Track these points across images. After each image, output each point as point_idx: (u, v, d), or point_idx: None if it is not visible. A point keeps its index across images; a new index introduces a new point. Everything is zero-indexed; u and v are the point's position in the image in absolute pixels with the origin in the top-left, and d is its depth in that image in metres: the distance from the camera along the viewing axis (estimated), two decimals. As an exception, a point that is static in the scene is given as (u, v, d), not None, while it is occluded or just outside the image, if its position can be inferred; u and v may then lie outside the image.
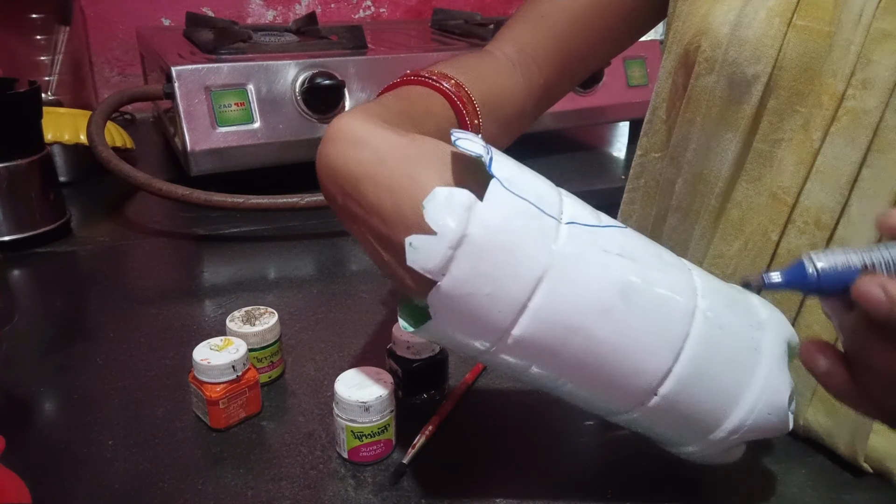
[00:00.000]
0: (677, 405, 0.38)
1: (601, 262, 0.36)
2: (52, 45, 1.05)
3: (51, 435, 0.48)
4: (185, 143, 0.80)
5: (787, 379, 0.39)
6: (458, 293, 0.34)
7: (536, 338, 0.36)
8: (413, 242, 0.33)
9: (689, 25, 0.51)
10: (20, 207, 0.73)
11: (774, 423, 0.39)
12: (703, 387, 0.38)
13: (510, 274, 0.34)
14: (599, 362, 0.37)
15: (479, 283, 0.34)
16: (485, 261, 0.34)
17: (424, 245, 0.33)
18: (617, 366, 0.37)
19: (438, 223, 0.33)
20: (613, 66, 1.03)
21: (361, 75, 0.88)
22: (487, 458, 0.46)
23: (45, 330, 0.61)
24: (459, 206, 0.33)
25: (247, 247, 0.77)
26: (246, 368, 0.48)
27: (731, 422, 0.39)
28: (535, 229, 0.35)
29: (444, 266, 0.34)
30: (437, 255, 0.33)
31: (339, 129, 0.38)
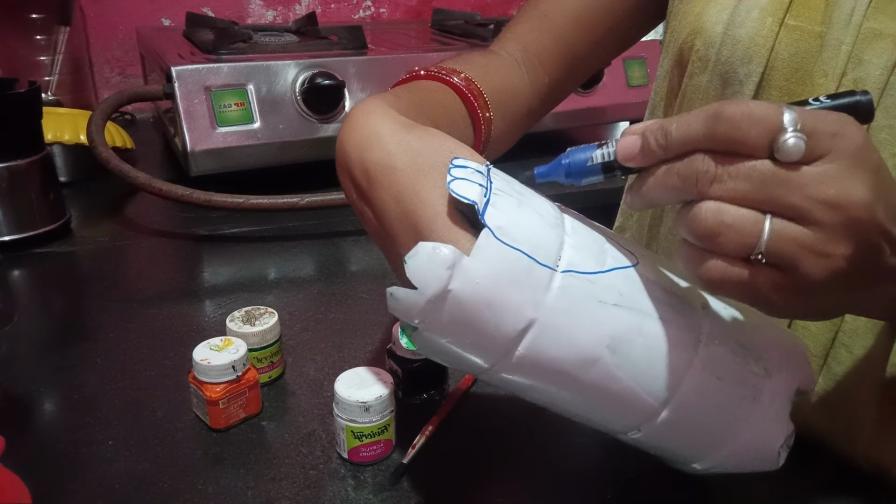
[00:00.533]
0: (659, 440, 0.39)
1: (592, 314, 0.35)
2: (52, 45, 1.05)
3: (51, 435, 0.48)
4: (185, 143, 0.80)
5: (783, 426, 0.39)
6: (438, 338, 0.35)
7: (521, 377, 0.37)
8: (394, 293, 0.34)
9: (684, 24, 0.51)
10: (20, 207, 0.73)
11: (760, 465, 0.39)
12: (688, 429, 0.38)
13: (493, 327, 0.34)
14: (584, 402, 0.38)
15: (460, 334, 0.35)
16: (467, 314, 0.34)
17: (405, 297, 0.34)
18: (601, 407, 0.38)
19: (419, 279, 0.33)
20: (613, 66, 1.03)
21: (361, 75, 0.88)
22: (487, 458, 0.46)
23: (45, 330, 0.61)
24: (442, 264, 0.33)
25: (247, 247, 0.77)
26: (246, 368, 0.48)
27: (712, 460, 0.39)
28: (524, 281, 0.34)
29: (423, 317, 0.34)
30: (415, 309, 0.34)
31: (356, 121, 0.39)
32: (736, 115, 0.29)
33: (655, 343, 0.36)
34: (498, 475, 0.45)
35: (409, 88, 0.47)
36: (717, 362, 0.37)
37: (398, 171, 0.36)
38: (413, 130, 0.37)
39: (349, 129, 0.39)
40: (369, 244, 0.78)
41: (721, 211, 0.29)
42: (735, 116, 0.29)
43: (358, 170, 0.38)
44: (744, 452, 0.39)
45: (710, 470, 0.40)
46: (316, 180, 0.87)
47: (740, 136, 0.29)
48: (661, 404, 0.37)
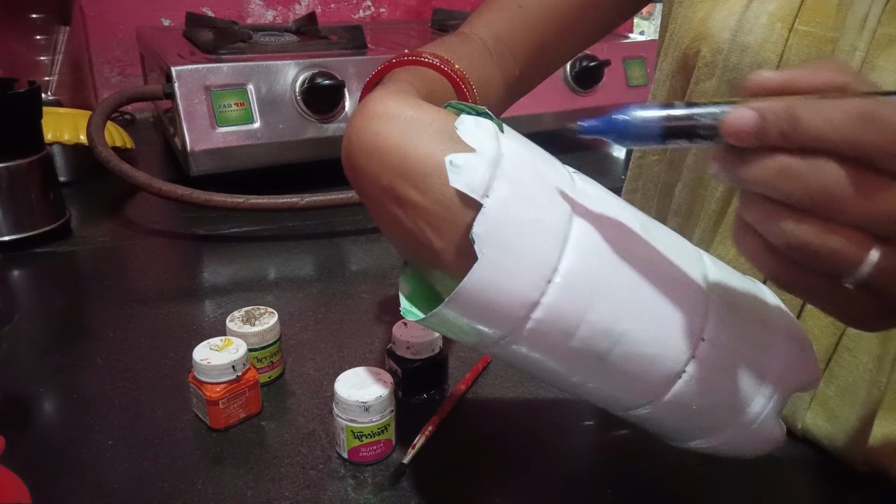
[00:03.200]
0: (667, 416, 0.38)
1: (617, 204, 0.36)
2: (52, 45, 1.05)
3: (51, 435, 0.48)
4: (185, 143, 0.80)
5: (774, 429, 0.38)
6: (503, 217, 0.32)
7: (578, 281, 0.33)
8: (454, 161, 0.32)
9: (687, 30, 0.51)
10: (20, 207, 0.73)
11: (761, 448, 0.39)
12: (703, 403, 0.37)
13: (546, 199, 0.33)
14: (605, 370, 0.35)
15: (521, 207, 0.32)
16: (521, 184, 0.33)
17: (465, 162, 0.32)
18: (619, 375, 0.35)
19: (475, 140, 0.33)
20: (613, 66, 1.03)
21: (361, 75, 0.88)
22: (487, 458, 0.46)
23: (45, 330, 0.61)
24: (488, 130, 0.34)
25: (247, 247, 0.77)
26: (246, 368, 0.48)
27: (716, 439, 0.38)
28: (552, 166, 0.35)
29: (487, 184, 0.32)
30: (479, 172, 0.32)
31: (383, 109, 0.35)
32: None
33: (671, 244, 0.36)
34: (498, 475, 0.45)
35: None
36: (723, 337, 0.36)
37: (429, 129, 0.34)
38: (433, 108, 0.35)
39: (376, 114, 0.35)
40: (369, 244, 0.78)
41: (828, 236, 0.26)
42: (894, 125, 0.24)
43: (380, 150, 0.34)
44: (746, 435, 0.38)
45: (707, 450, 0.40)
46: (316, 180, 0.88)
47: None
48: (681, 366, 0.35)
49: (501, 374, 0.55)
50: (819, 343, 0.45)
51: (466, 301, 0.33)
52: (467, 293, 0.33)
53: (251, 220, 0.82)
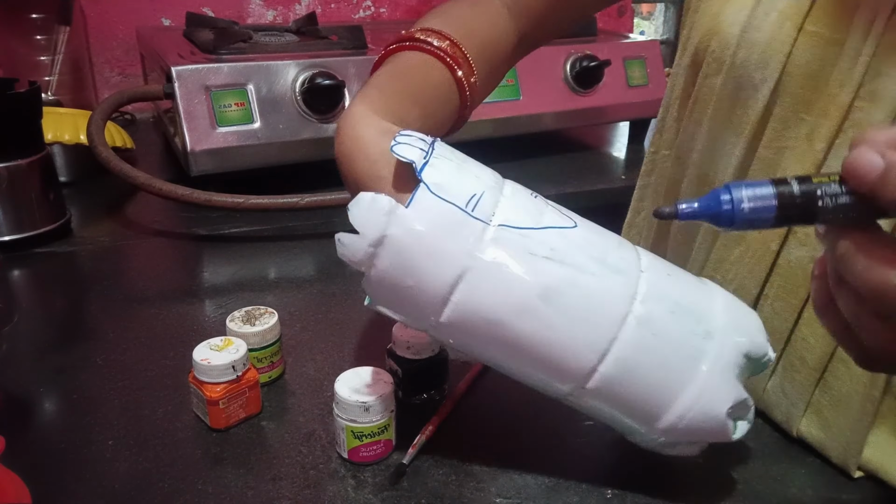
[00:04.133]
0: (606, 400, 0.41)
1: (524, 265, 0.38)
2: (52, 45, 1.05)
3: (51, 435, 0.48)
4: (185, 143, 0.80)
5: (731, 389, 0.39)
6: (383, 283, 0.39)
7: (462, 327, 0.39)
8: (341, 239, 0.38)
9: (702, 24, 0.51)
10: (20, 207, 0.73)
11: (711, 429, 0.40)
12: (631, 388, 0.39)
13: (430, 272, 0.38)
14: (524, 354, 0.40)
15: (400, 277, 0.38)
16: (405, 260, 0.38)
17: (350, 242, 0.38)
18: (541, 359, 0.40)
19: (360, 224, 0.37)
20: (613, 66, 1.03)
21: (361, 75, 0.88)
22: (487, 458, 0.46)
23: (45, 330, 0.61)
24: (380, 210, 0.37)
25: (247, 247, 0.77)
26: (246, 368, 0.48)
27: (662, 422, 0.40)
28: (457, 232, 0.38)
29: (367, 260, 0.38)
30: (360, 252, 0.38)
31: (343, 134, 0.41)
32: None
33: (588, 295, 0.38)
34: (497, 475, 0.45)
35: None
36: (655, 320, 0.39)
37: (385, 179, 0.39)
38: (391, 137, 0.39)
39: (338, 141, 0.41)
40: (369, 244, 0.77)
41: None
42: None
43: (350, 178, 0.41)
44: (691, 416, 0.39)
45: (664, 441, 0.41)
46: (316, 180, 0.87)
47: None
48: (598, 357, 0.39)
49: (501, 374, 0.55)
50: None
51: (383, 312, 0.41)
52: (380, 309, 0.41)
53: (251, 220, 0.82)
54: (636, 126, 1.14)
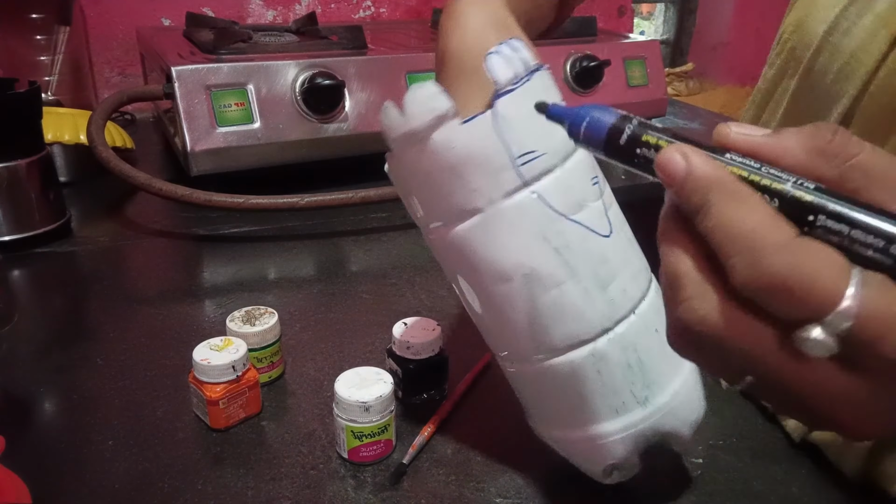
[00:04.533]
0: (524, 385, 0.42)
1: (530, 241, 0.36)
2: (52, 45, 1.05)
3: (51, 435, 0.48)
4: (185, 143, 0.80)
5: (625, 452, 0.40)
6: (401, 169, 0.38)
7: (445, 251, 0.39)
8: (387, 109, 0.36)
9: (793, 13, 0.45)
10: (20, 207, 0.73)
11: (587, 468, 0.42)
12: (546, 396, 0.40)
13: (445, 193, 0.37)
14: (483, 306, 0.39)
15: (417, 178, 0.37)
16: (430, 166, 0.36)
17: (392, 118, 0.36)
18: (490, 320, 0.40)
19: (411, 109, 0.35)
20: (613, 66, 1.03)
21: (361, 75, 0.88)
22: (487, 457, 0.46)
23: (45, 330, 0.61)
24: (436, 108, 0.35)
25: (247, 247, 0.77)
26: (246, 368, 0.48)
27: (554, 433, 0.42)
28: (492, 174, 0.36)
29: (397, 141, 0.37)
30: (395, 132, 0.36)
31: (457, 6, 0.38)
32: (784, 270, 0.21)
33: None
34: (497, 475, 0.45)
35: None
36: (608, 362, 0.38)
37: (467, 71, 0.36)
38: (501, 34, 0.36)
39: (446, 12, 0.39)
40: (369, 244, 0.78)
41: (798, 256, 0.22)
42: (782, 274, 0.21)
43: (439, 53, 0.38)
44: (578, 449, 0.41)
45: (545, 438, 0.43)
46: (316, 180, 0.88)
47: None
48: (534, 355, 0.39)
49: (501, 375, 0.55)
50: None
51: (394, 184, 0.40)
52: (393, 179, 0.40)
53: (251, 220, 0.82)
54: (636, 126, 1.14)
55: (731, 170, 0.24)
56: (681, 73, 1.74)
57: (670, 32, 1.83)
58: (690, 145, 0.24)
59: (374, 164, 0.89)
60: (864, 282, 0.21)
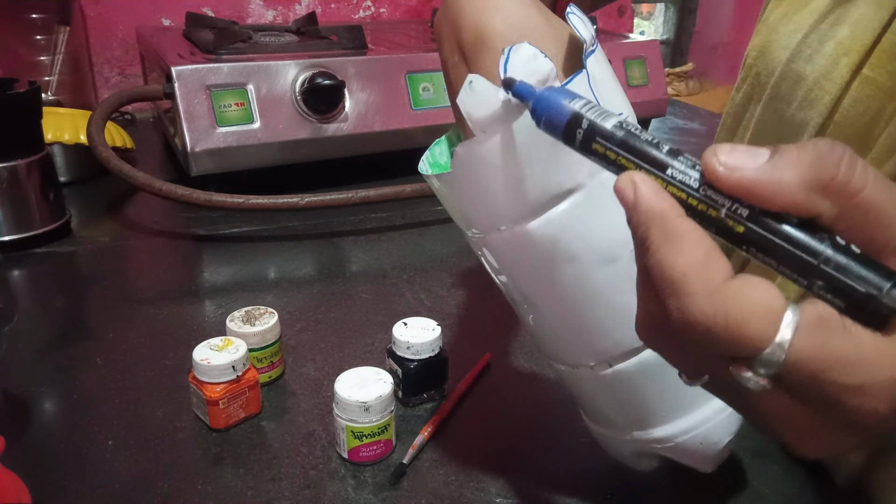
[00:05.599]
0: (621, 388, 0.38)
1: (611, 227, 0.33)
2: (52, 45, 1.05)
3: (51, 435, 0.48)
4: (185, 143, 0.80)
5: (735, 425, 0.39)
6: (483, 159, 0.32)
7: (529, 247, 0.34)
8: (474, 83, 0.31)
9: (757, 36, 0.45)
10: (20, 207, 0.73)
11: (696, 459, 0.40)
12: (655, 386, 0.37)
13: (545, 171, 0.32)
14: (575, 302, 0.35)
15: (510, 161, 0.32)
16: (528, 141, 0.31)
17: (483, 90, 0.31)
18: (586, 316, 0.35)
19: (511, 74, 0.30)
20: (613, 66, 1.02)
21: (361, 75, 0.88)
22: (487, 458, 0.46)
23: (45, 330, 0.61)
24: (535, 72, 0.30)
25: (247, 247, 0.77)
26: (246, 368, 0.48)
27: (661, 432, 0.39)
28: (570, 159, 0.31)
29: (489, 120, 0.31)
30: (488, 107, 0.31)
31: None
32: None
33: None
34: (497, 475, 0.45)
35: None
36: None
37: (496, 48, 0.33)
38: (539, 7, 0.34)
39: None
40: (369, 244, 0.78)
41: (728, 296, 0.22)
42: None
43: (470, 30, 0.34)
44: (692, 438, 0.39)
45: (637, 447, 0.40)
46: (316, 180, 0.88)
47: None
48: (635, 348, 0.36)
49: (501, 374, 0.55)
50: None
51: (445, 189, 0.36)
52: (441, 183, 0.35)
53: (251, 220, 0.82)
54: (636, 126, 1.14)
55: (671, 190, 0.23)
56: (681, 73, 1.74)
57: (670, 32, 1.83)
58: (639, 172, 0.23)
59: (374, 164, 0.90)
60: (800, 322, 0.20)
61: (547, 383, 0.54)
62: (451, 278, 0.69)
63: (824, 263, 0.21)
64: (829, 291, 0.21)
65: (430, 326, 0.51)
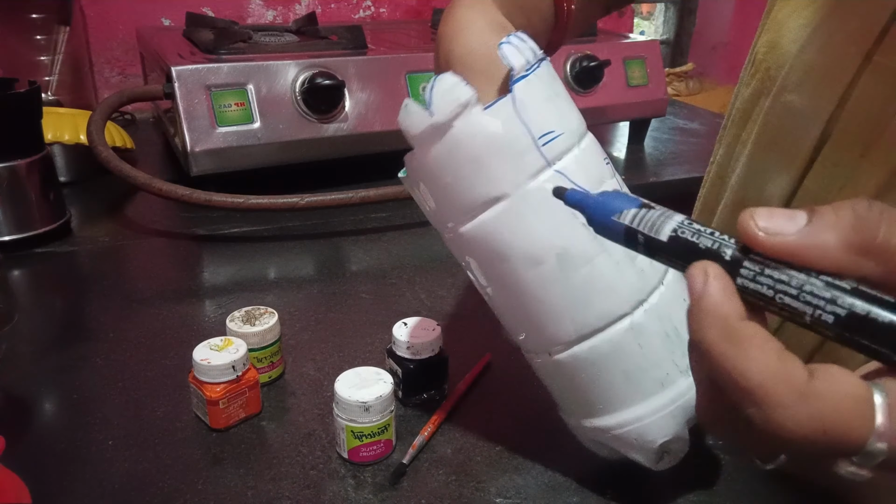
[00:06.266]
0: (559, 375, 0.41)
1: (559, 220, 0.37)
2: (52, 45, 1.05)
3: (51, 435, 0.48)
4: (185, 143, 0.80)
5: (676, 426, 0.39)
6: (424, 167, 0.38)
7: (472, 245, 0.39)
8: (408, 105, 0.37)
9: (766, 32, 0.45)
10: (20, 207, 0.73)
11: (638, 455, 0.40)
12: (590, 377, 0.39)
13: (474, 181, 0.37)
14: (513, 297, 0.39)
15: (444, 171, 0.37)
16: (457, 156, 0.36)
17: (414, 112, 0.36)
18: (525, 310, 0.39)
19: (434, 101, 0.36)
20: (613, 66, 1.03)
21: (361, 75, 0.88)
22: (487, 458, 0.46)
23: (45, 330, 0.61)
24: (458, 98, 0.35)
25: (247, 247, 0.77)
26: (246, 368, 0.48)
27: (601, 422, 0.40)
28: (516, 158, 0.36)
29: (421, 138, 0.37)
30: (419, 127, 0.36)
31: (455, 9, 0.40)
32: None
33: (600, 278, 0.37)
34: (497, 475, 0.45)
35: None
36: (647, 334, 0.38)
37: (475, 72, 0.37)
38: (502, 36, 0.37)
39: (444, 20, 0.40)
40: (369, 244, 0.78)
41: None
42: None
43: (443, 58, 0.39)
44: (625, 432, 0.40)
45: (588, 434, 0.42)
46: (316, 180, 0.88)
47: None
48: (577, 338, 0.38)
49: (501, 374, 0.55)
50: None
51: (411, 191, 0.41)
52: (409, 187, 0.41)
53: (251, 220, 0.82)
54: (636, 126, 1.14)
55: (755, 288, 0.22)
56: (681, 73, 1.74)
57: (670, 32, 1.83)
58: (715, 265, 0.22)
59: (374, 164, 0.90)
60: (889, 403, 0.20)
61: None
62: (451, 278, 0.69)
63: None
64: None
65: (430, 326, 0.51)
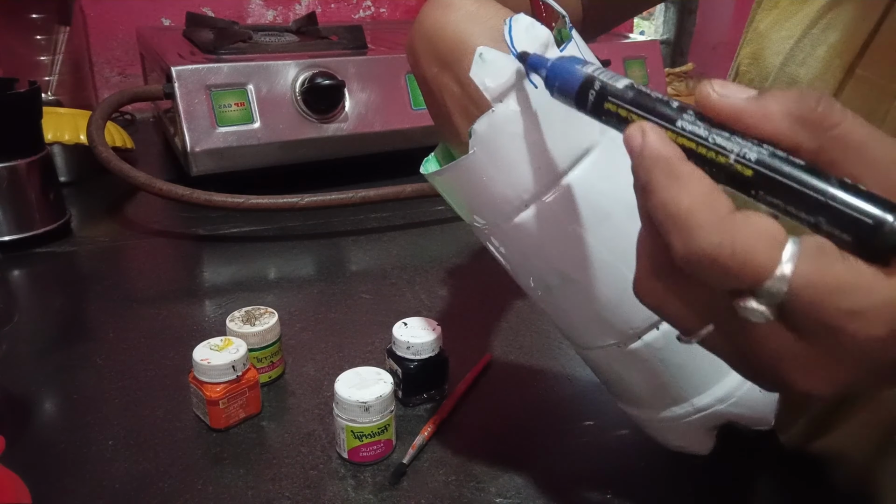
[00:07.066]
0: (662, 356, 0.36)
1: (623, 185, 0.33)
2: (52, 45, 1.05)
3: (51, 435, 0.48)
4: (185, 143, 0.80)
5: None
6: (506, 129, 0.32)
7: (561, 215, 0.34)
8: (484, 54, 0.32)
9: (748, 44, 0.46)
10: (20, 207, 0.73)
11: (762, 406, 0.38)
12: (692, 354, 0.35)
13: (565, 132, 0.32)
14: (614, 265, 0.34)
15: (530, 126, 0.32)
16: (543, 105, 0.32)
17: (495, 60, 0.31)
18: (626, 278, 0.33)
19: (518, 43, 0.31)
20: (613, 66, 1.03)
21: (361, 75, 0.88)
22: (487, 458, 0.46)
23: (45, 330, 0.61)
24: (538, 38, 0.32)
25: (247, 247, 0.77)
26: (246, 368, 0.48)
27: (722, 388, 0.37)
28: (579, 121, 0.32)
29: (503, 91, 0.32)
30: (504, 74, 0.31)
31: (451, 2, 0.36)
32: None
33: None
34: (497, 475, 0.45)
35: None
36: None
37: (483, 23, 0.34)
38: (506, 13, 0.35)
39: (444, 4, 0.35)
40: (369, 244, 0.78)
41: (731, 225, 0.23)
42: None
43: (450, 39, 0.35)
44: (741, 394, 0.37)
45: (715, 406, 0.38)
46: (316, 180, 0.88)
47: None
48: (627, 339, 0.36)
49: (501, 374, 0.55)
50: None
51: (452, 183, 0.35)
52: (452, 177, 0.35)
53: (251, 220, 0.82)
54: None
55: (681, 141, 0.24)
56: (681, 73, 1.74)
57: (670, 32, 1.83)
58: (648, 122, 0.24)
59: (373, 165, 0.90)
60: (801, 251, 0.21)
61: (547, 383, 0.54)
62: (451, 278, 0.69)
63: (831, 199, 0.21)
64: (835, 227, 0.21)
65: (430, 326, 0.51)
